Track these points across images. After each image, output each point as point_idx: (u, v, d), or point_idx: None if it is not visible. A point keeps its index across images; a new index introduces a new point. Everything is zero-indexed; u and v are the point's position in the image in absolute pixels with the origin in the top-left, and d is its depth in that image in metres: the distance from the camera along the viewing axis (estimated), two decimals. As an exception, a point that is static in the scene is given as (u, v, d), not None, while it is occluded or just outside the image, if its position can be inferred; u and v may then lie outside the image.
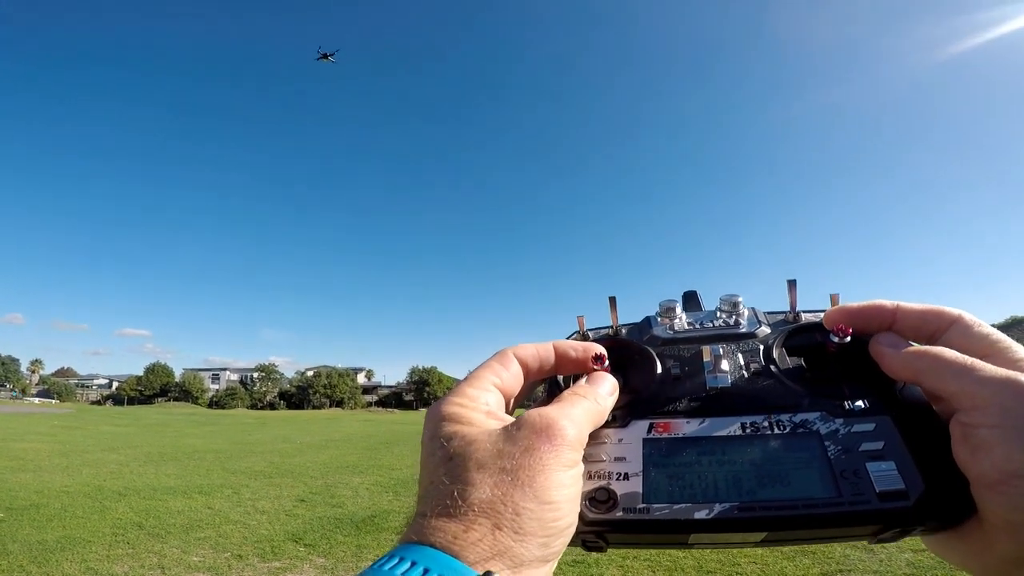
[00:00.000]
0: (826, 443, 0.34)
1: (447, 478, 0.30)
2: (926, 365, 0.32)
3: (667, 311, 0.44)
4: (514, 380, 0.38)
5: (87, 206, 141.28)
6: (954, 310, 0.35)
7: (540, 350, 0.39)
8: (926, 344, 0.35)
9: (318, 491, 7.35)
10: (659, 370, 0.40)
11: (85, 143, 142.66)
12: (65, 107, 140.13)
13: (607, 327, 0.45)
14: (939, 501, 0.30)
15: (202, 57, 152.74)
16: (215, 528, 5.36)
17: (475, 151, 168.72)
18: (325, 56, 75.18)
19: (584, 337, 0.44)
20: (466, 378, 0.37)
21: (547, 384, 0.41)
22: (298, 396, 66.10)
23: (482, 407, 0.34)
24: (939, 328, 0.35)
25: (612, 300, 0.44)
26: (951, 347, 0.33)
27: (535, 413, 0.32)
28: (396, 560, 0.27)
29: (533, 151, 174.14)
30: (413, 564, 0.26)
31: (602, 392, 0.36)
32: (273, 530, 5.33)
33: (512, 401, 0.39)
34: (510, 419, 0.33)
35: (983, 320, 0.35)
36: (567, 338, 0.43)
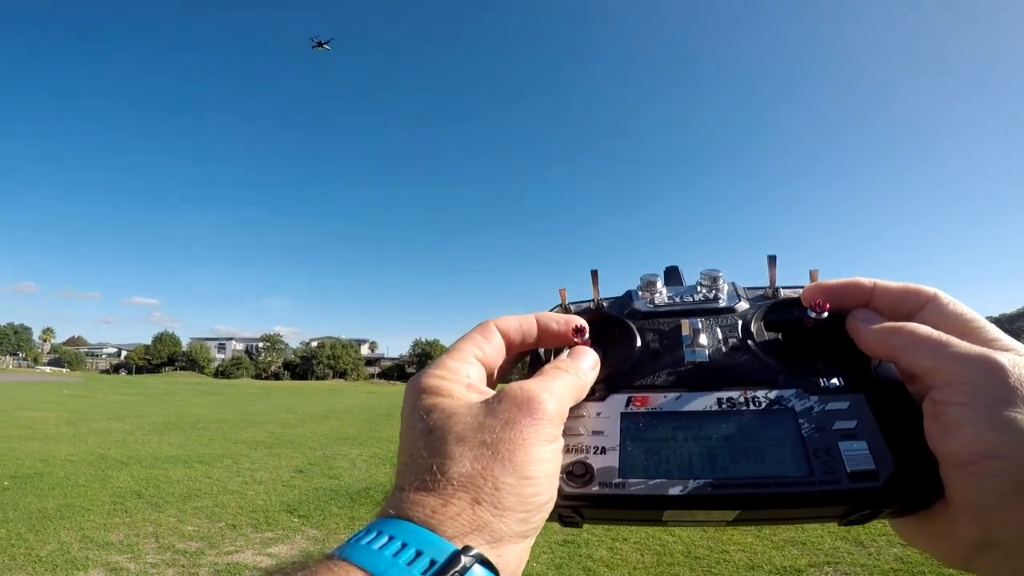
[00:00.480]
0: (800, 420, 0.34)
1: (426, 451, 0.30)
2: (901, 341, 0.32)
3: (648, 285, 0.44)
4: (496, 353, 0.37)
5: (99, 176, 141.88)
6: (930, 289, 0.35)
7: (522, 322, 0.38)
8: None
9: (316, 462, 7.48)
10: (638, 344, 0.40)
11: (97, 113, 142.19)
12: (79, 78, 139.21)
13: (589, 300, 0.45)
14: (908, 482, 0.30)
15: (215, 29, 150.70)
16: (212, 498, 5.48)
17: (481, 123, 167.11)
18: (320, 44, 72.88)
19: (566, 310, 0.44)
20: (447, 350, 0.36)
21: (529, 357, 0.41)
22: (302, 367, 66.73)
23: (463, 380, 0.34)
24: (916, 306, 0.35)
25: (594, 273, 0.44)
26: (926, 325, 0.32)
27: (516, 386, 0.32)
28: (374, 534, 0.27)
29: (538, 125, 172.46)
30: (391, 538, 0.26)
31: (584, 366, 0.36)
32: (269, 500, 5.44)
33: (495, 374, 0.38)
34: (491, 392, 0.33)
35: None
36: (550, 311, 0.43)
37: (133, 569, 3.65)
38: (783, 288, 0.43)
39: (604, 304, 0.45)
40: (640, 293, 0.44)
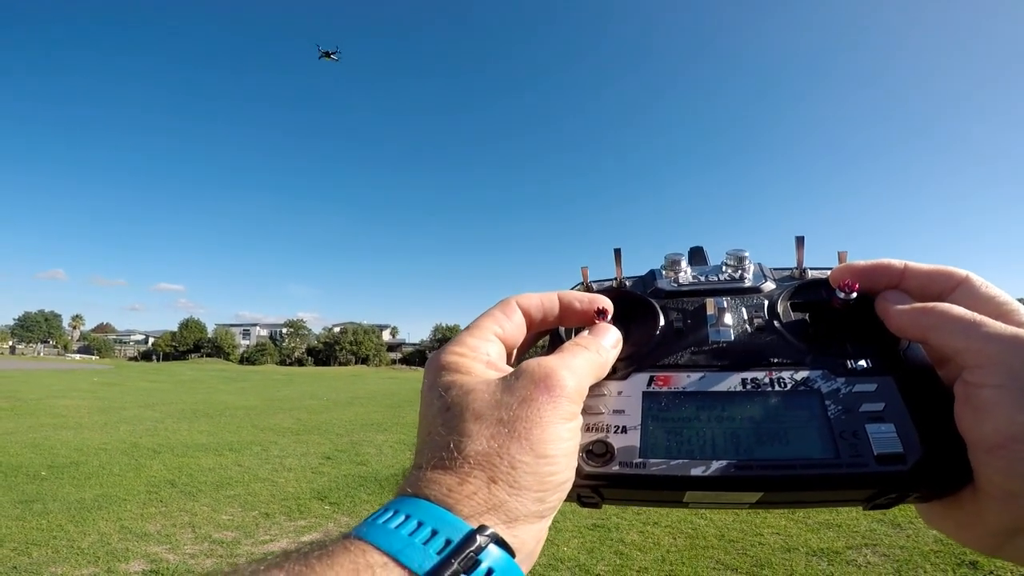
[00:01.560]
0: (827, 402, 0.33)
1: (443, 429, 0.29)
2: (933, 321, 0.31)
3: (672, 264, 0.43)
4: (517, 330, 0.37)
5: (127, 164, 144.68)
6: (962, 271, 0.34)
7: (544, 300, 0.38)
8: None
9: (344, 449, 7.54)
10: (661, 323, 0.40)
11: (126, 101, 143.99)
12: (107, 63, 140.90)
13: (611, 279, 0.44)
14: (936, 467, 0.30)
15: (246, 13, 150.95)
16: (244, 486, 5.54)
17: (502, 106, 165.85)
18: (327, 55, 70.79)
19: (588, 288, 0.43)
20: (467, 327, 0.36)
21: (550, 336, 0.40)
22: (325, 352, 67.58)
23: (482, 357, 0.33)
24: (947, 288, 0.34)
25: (617, 252, 0.43)
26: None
27: (534, 363, 0.32)
28: (391, 513, 0.27)
29: (561, 107, 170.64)
30: (407, 518, 0.26)
31: (605, 344, 0.35)
32: (300, 488, 5.48)
33: (515, 352, 0.38)
34: (510, 369, 0.32)
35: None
36: (572, 288, 0.43)
37: (173, 560, 3.68)
38: (811, 269, 0.42)
39: (627, 283, 0.44)
40: (664, 272, 0.43)
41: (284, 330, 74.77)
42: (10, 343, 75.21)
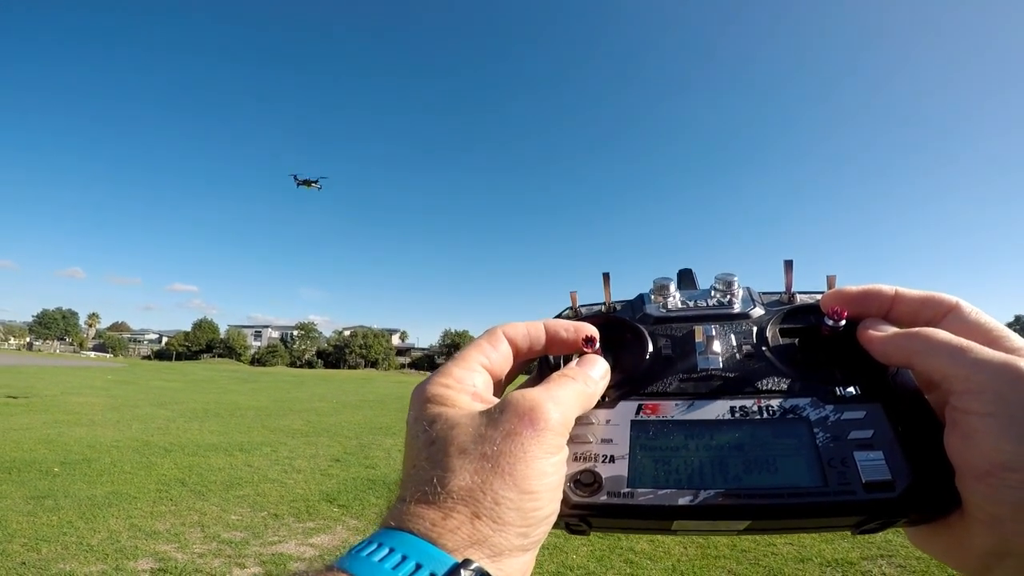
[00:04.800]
0: (815, 430, 0.33)
1: (427, 463, 0.29)
2: (919, 346, 0.32)
3: (661, 288, 0.43)
4: (503, 360, 0.37)
5: (148, 164, 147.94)
6: (952, 297, 0.34)
7: (531, 329, 0.38)
8: None
9: (352, 451, 7.54)
10: (650, 349, 0.39)
11: (140, 104, 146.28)
12: (127, 64, 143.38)
13: (600, 304, 0.44)
14: (925, 493, 0.30)
15: (251, 11, 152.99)
16: (254, 486, 5.54)
17: (517, 116, 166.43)
18: (307, 183, 60.93)
19: (576, 313, 0.44)
20: (453, 358, 0.36)
21: (538, 361, 0.40)
22: (335, 355, 67.91)
23: (468, 388, 0.33)
24: (937, 315, 0.34)
25: (606, 277, 0.43)
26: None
27: (519, 395, 0.31)
28: (375, 546, 0.27)
29: (574, 121, 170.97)
30: (391, 551, 0.26)
31: (593, 375, 0.35)
32: (309, 490, 5.48)
33: (503, 380, 0.38)
34: (496, 401, 0.32)
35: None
36: (560, 313, 0.43)
37: (181, 559, 3.68)
38: (799, 293, 0.42)
39: (616, 308, 0.44)
40: (652, 297, 0.43)
41: (295, 332, 75.21)
42: (28, 339, 76.30)
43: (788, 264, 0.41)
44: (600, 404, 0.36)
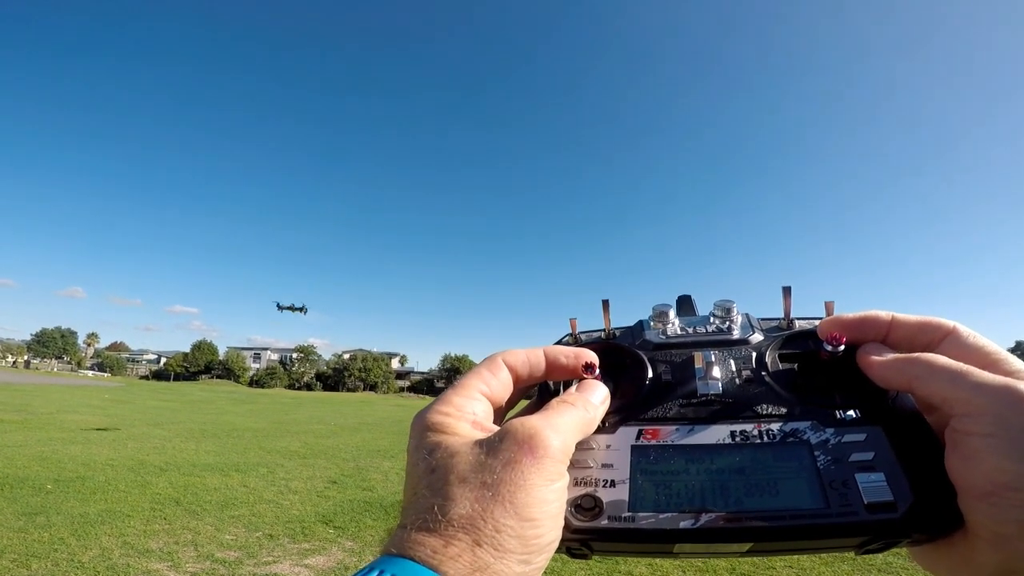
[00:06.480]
0: (816, 453, 0.33)
1: (428, 491, 0.29)
2: (919, 371, 0.32)
3: (660, 315, 0.43)
4: (503, 388, 0.37)
5: (150, 186, 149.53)
6: (949, 322, 0.34)
7: (530, 356, 0.38)
8: None
9: (350, 473, 7.44)
10: (650, 375, 0.40)
11: (145, 127, 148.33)
12: (131, 84, 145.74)
13: (599, 330, 0.44)
14: (927, 513, 0.30)
15: (254, 26, 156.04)
16: (249, 507, 5.45)
17: (515, 142, 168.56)
18: (292, 309, 64.97)
19: (576, 339, 0.44)
20: (453, 385, 0.36)
21: (538, 389, 0.40)
22: (334, 378, 67.51)
23: (468, 416, 0.33)
24: (934, 339, 0.34)
25: (605, 303, 0.43)
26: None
27: (518, 423, 0.31)
28: (376, 572, 0.26)
29: (570, 145, 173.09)
30: None
31: (593, 401, 0.35)
32: (304, 511, 5.39)
33: (504, 407, 0.38)
34: (496, 428, 0.32)
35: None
36: (560, 340, 0.43)
37: (172, 578, 3.60)
38: (798, 319, 0.42)
39: (615, 334, 0.44)
40: (652, 323, 0.43)
41: (294, 355, 74.88)
42: (25, 357, 76.00)
43: (787, 290, 0.42)
44: (600, 429, 0.36)
